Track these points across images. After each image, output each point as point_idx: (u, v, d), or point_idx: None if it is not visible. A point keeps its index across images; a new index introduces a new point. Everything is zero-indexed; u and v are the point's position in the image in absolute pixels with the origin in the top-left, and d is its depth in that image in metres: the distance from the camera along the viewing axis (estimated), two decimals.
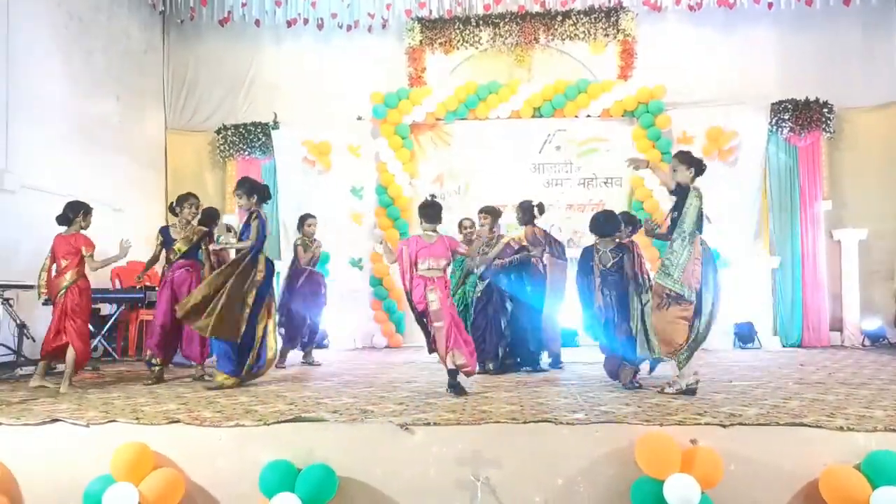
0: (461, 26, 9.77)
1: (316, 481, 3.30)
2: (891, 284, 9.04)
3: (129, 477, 3.35)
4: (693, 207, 4.61)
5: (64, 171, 7.65)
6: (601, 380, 5.30)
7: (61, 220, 5.39)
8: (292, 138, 9.71)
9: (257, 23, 9.63)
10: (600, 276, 5.06)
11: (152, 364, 5.60)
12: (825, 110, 9.06)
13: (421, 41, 9.84)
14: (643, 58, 9.56)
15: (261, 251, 5.37)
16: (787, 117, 9.10)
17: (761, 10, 9.22)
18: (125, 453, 3.42)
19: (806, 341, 9.01)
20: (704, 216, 4.74)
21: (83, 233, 5.44)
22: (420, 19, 9.76)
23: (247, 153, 9.75)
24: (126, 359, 7.63)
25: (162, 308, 5.66)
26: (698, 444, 3.34)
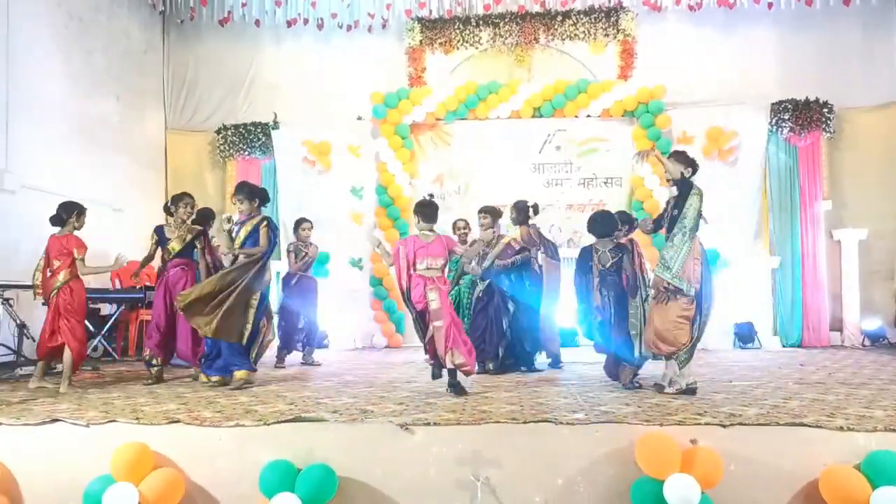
0: (461, 26, 9.77)
1: (316, 481, 3.30)
2: (891, 284, 9.04)
3: (129, 477, 3.35)
4: (693, 207, 4.64)
5: (64, 171, 7.65)
6: (601, 380, 5.30)
7: (54, 220, 5.38)
8: (292, 138, 9.71)
9: (257, 23, 9.63)
10: (599, 276, 5.06)
11: (152, 364, 5.60)
12: (825, 110, 9.06)
13: (421, 41, 9.84)
14: (643, 58, 9.55)
15: (269, 257, 5.41)
16: (787, 117, 9.10)
17: (761, 10, 9.21)
18: (125, 453, 3.42)
19: (806, 341, 9.01)
20: (702, 217, 4.77)
21: (77, 234, 5.43)
22: (420, 19, 9.76)
23: (247, 153, 9.76)
24: (126, 359, 7.63)
25: (158, 308, 5.67)
26: (698, 444, 3.34)
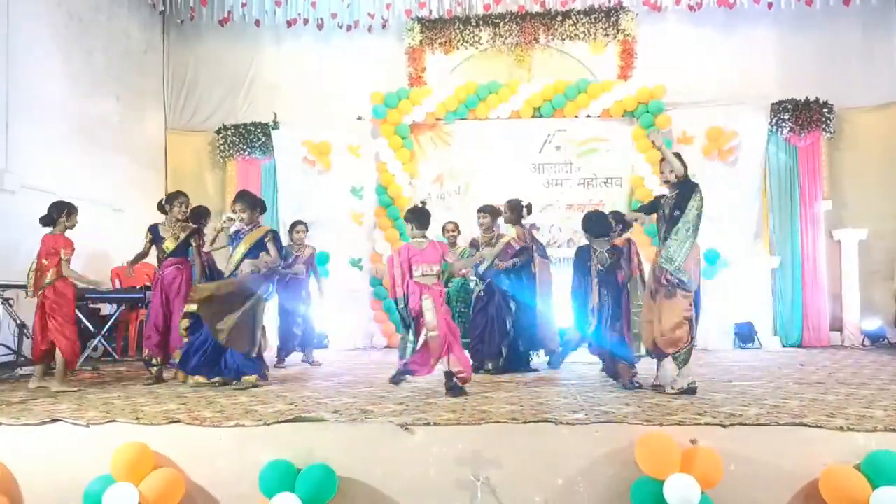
0: (461, 26, 9.76)
1: (316, 481, 3.30)
2: (891, 284, 9.03)
3: (129, 477, 3.35)
4: (696, 208, 4.68)
5: (64, 171, 7.65)
6: (601, 380, 5.30)
7: (45, 220, 5.37)
8: (292, 138, 9.70)
9: (257, 23, 9.63)
10: (598, 276, 5.06)
11: (151, 364, 5.60)
12: (825, 110, 9.05)
13: (421, 41, 9.83)
14: (643, 58, 9.54)
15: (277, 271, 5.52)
16: (787, 117, 9.09)
17: (761, 10, 9.21)
18: (125, 453, 3.42)
19: (806, 341, 9.00)
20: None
21: (76, 233, 5.43)
22: (420, 19, 9.75)
23: (247, 153, 9.75)
24: (126, 359, 7.62)
25: (155, 308, 5.64)
26: (698, 444, 3.34)
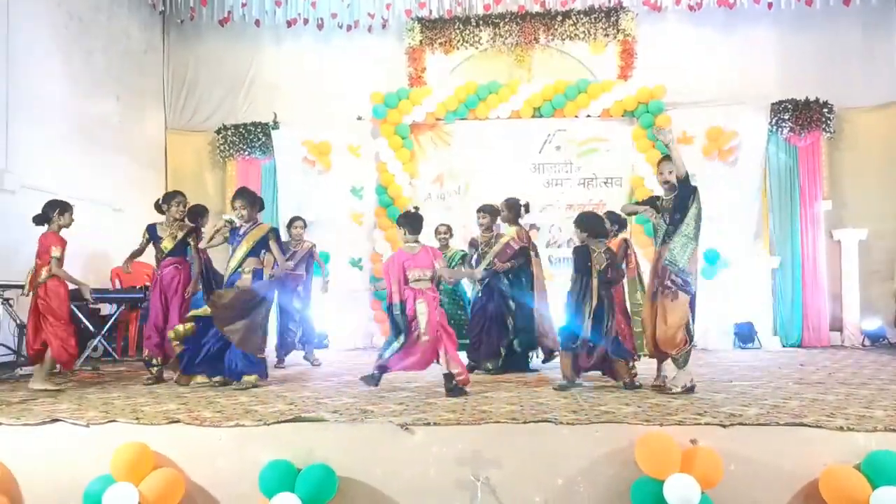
0: (461, 26, 9.76)
1: (316, 481, 3.30)
2: (891, 284, 9.04)
3: (129, 477, 3.35)
4: (697, 209, 4.68)
5: (64, 171, 7.65)
6: (601, 380, 5.30)
7: (38, 219, 5.36)
8: (292, 138, 9.70)
9: (257, 23, 9.63)
10: (597, 276, 5.06)
11: (151, 364, 5.59)
12: (825, 110, 9.05)
13: (421, 41, 9.83)
14: (643, 58, 9.54)
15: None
16: (787, 117, 9.09)
17: (761, 10, 9.21)
18: (125, 453, 3.42)
19: (806, 341, 9.00)
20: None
21: (67, 232, 5.42)
22: (420, 19, 9.75)
23: (247, 153, 9.75)
24: (126, 359, 7.63)
25: (154, 308, 5.63)
26: (698, 444, 3.34)
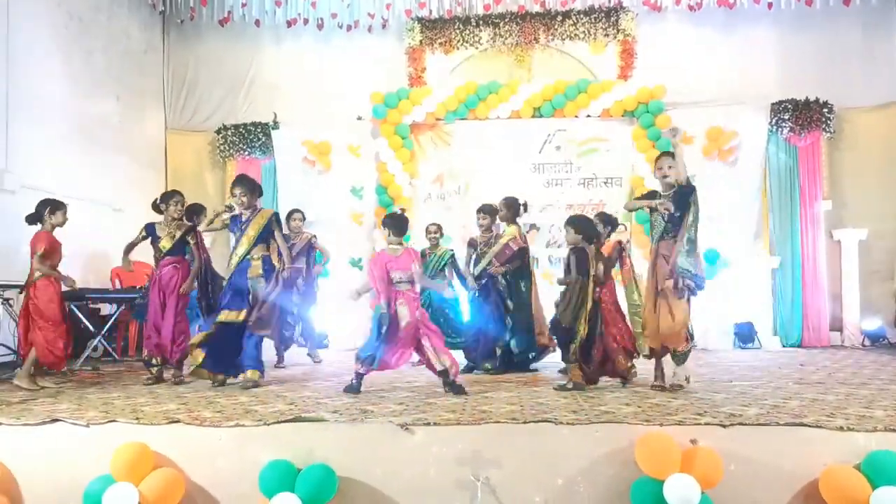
0: (461, 26, 9.76)
1: (316, 481, 3.30)
2: (891, 284, 9.04)
3: (129, 477, 3.35)
4: (695, 211, 4.68)
5: (64, 171, 7.65)
6: (601, 380, 5.29)
7: (30, 218, 5.35)
8: (292, 138, 9.70)
9: (257, 23, 9.63)
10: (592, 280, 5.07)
11: (151, 364, 5.58)
12: (825, 110, 9.06)
13: (421, 41, 9.83)
14: (643, 58, 9.54)
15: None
16: (787, 117, 9.10)
17: (761, 10, 9.21)
18: (125, 453, 3.42)
19: (806, 341, 9.01)
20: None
21: (62, 231, 5.42)
22: (420, 19, 9.75)
23: (247, 153, 9.75)
24: (126, 359, 7.63)
25: (153, 307, 5.60)
26: (698, 444, 3.34)
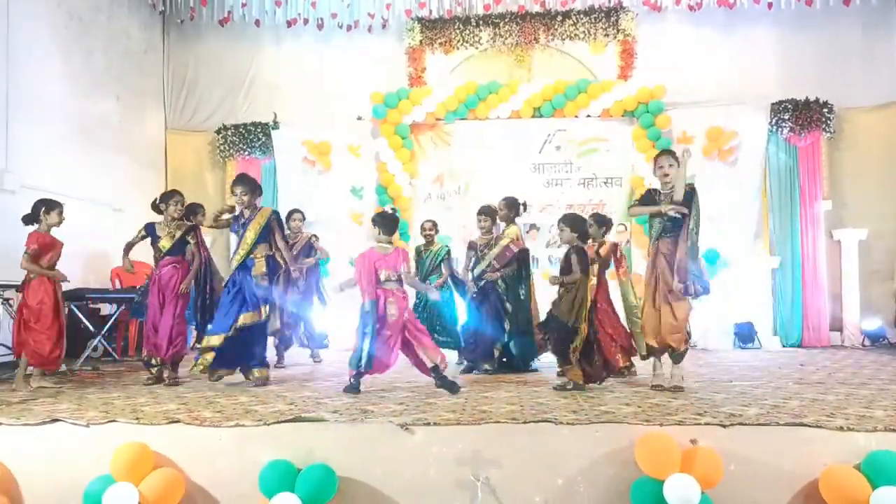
0: (461, 26, 9.77)
1: (316, 481, 3.30)
2: (891, 284, 9.04)
3: (129, 477, 3.35)
4: (697, 214, 4.67)
5: (64, 171, 7.65)
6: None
7: (27, 218, 5.34)
8: (292, 138, 9.71)
9: (257, 23, 9.63)
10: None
11: (151, 364, 5.57)
12: (825, 110, 9.06)
13: (421, 41, 9.83)
14: (643, 58, 9.55)
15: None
16: (787, 117, 9.10)
17: (761, 10, 9.21)
18: (125, 453, 3.42)
19: (806, 341, 9.01)
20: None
21: (56, 230, 5.42)
22: (420, 19, 9.76)
23: (247, 153, 9.76)
24: (126, 359, 7.63)
25: (153, 307, 5.58)
26: (698, 444, 3.34)
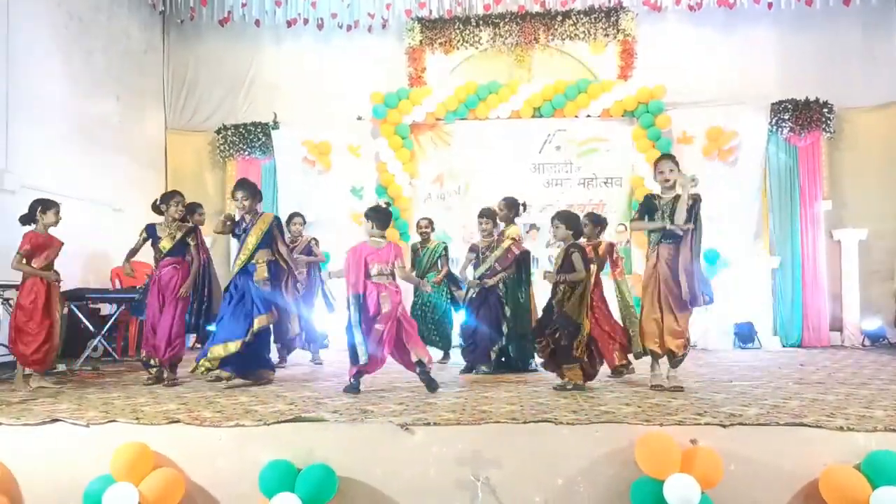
0: (461, 26, 9.77)
1: (316, 481, 3.30)
2: (891, 284, 9.04)
3: (129, 477, 3.35)
4: (699, 221, 4.67)
5: (64, 171, 7.65)
6: (601, 380, 5.30)
7: (24, 219, 5.34)
8: (292, 138, 9.71)
9: (257, 23, 9.63)
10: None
11: (149, 364, 5.56)
12: (825, 110, 9.06)
13: (421, 41, 9.84)
14: (643, 58, 9.55)
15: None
16: (787, 117, 9.10)
17: (761, 10, 9.22)
18: (125, 453, 3.42)
19: (806, 341, 9.01)
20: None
21: (53, 230, 5.42)
22: (420, 19, 9.76)
23: (247, 153, 9.76)
24: (126, 359, 7.62)
25: (153, 308, 5.55)
26: (698, 444, 3.34)
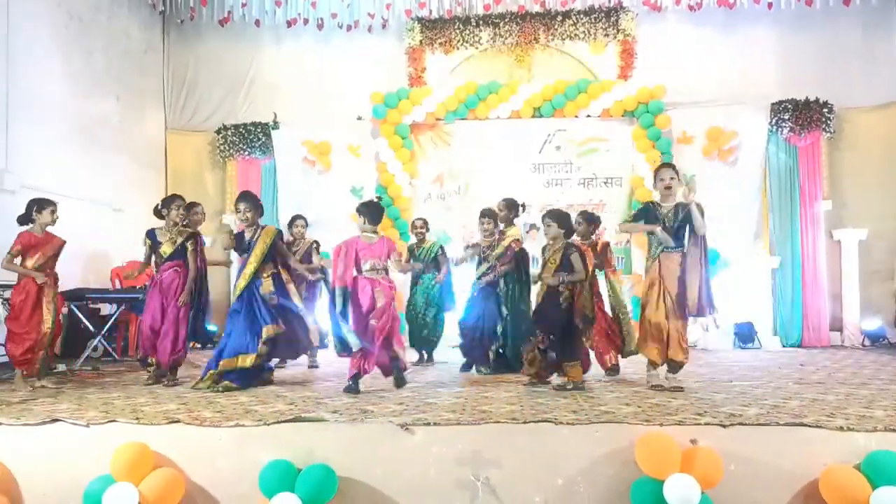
0: (461, 26, 9.77)
1: (316, 481, 3.30)
2: (891, 284, 9.04)
3: (129, 477, 3.35)
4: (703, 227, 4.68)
5: (64, 171, 7.65)
6: (601, 380, 5.31)
7: (22, 219, 5.32)
8: (292, 138, 9.71)
9: (257, 23, 9.63)
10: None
11: (147, 364, 5.54)
12: (825, 110, 9.06)
13: (421, 41, 9.84)
14: (643, 58, 9.55)
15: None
16: (787, 117, 9.10)
17: (761, 10, 9.22)
18: (125, 453, 3.42)
19: (806, 341, 9.01)
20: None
21: (51, 229, 5.40)
22: (420, 19, 9.76)
23: (247, 153, 9.76)
24: (126, 359, 7.62)
25: (150, 310, 5.51)
26: (698, 444, 3.34)
